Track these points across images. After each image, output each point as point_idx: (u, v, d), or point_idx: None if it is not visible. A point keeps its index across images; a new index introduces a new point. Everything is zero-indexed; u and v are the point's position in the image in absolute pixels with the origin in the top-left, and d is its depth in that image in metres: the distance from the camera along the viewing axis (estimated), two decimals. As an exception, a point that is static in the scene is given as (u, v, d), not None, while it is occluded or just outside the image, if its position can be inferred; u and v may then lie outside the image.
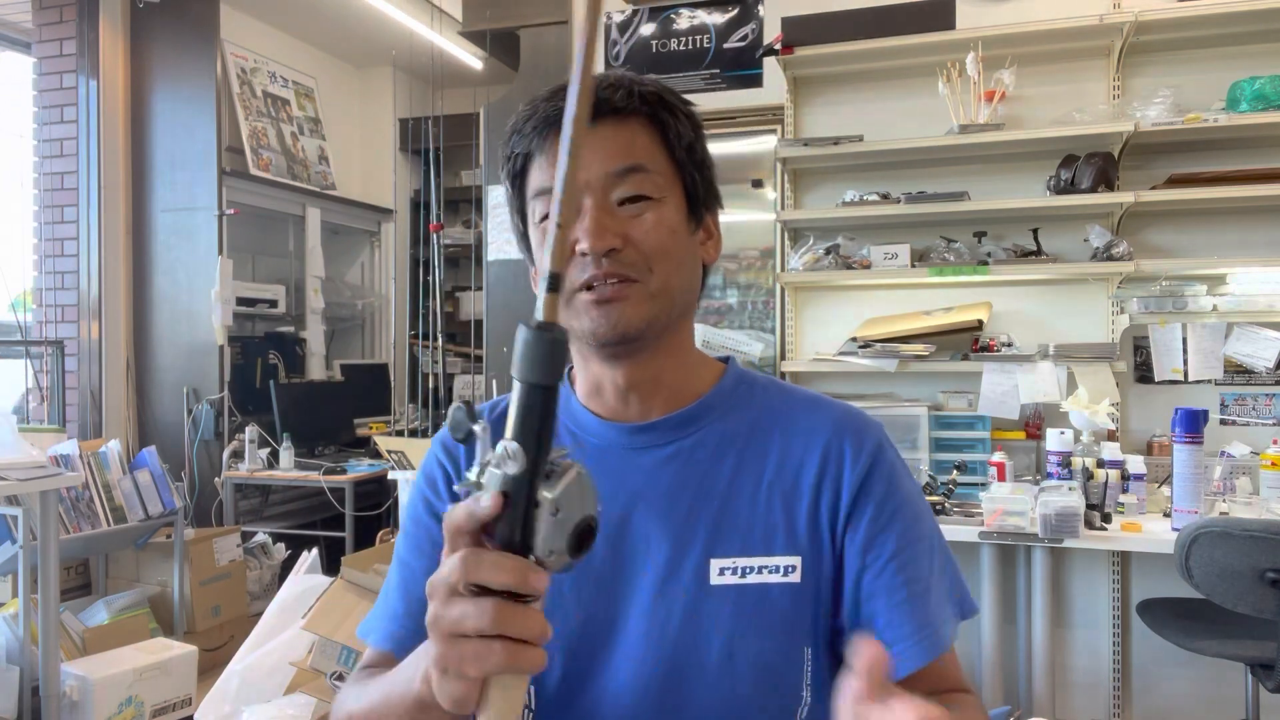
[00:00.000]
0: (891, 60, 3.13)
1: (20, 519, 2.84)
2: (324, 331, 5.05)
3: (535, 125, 0.82)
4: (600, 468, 0.87)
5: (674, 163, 0.84)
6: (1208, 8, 2.75)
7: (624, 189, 0.81)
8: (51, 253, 4.26)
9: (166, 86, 4.33)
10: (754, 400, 0.90)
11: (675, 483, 0.85)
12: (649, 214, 0.81)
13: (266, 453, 4.13)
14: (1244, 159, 2.85)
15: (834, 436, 0.87)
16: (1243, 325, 2.84)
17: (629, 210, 0.81)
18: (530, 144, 0.83)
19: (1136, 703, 2.87)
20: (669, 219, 0.82)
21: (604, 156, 0.81)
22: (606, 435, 0.88)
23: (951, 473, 2.78)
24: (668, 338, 0.86)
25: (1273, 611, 2.05)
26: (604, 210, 0.80)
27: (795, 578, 0.83)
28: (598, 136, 0.80)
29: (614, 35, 3.61)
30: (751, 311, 3.61)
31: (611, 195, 0.81)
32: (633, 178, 0.81)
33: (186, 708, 3.04)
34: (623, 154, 0.81)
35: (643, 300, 0.81)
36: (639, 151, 0.82)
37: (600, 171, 0.80)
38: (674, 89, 0.87)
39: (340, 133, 5.45)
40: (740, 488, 0.85)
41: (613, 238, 0.79)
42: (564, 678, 0.84)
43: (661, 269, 0.81)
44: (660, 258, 0.81)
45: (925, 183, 3.11)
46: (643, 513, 0.85)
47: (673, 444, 0.87)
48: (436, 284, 4.50)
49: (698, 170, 0.86)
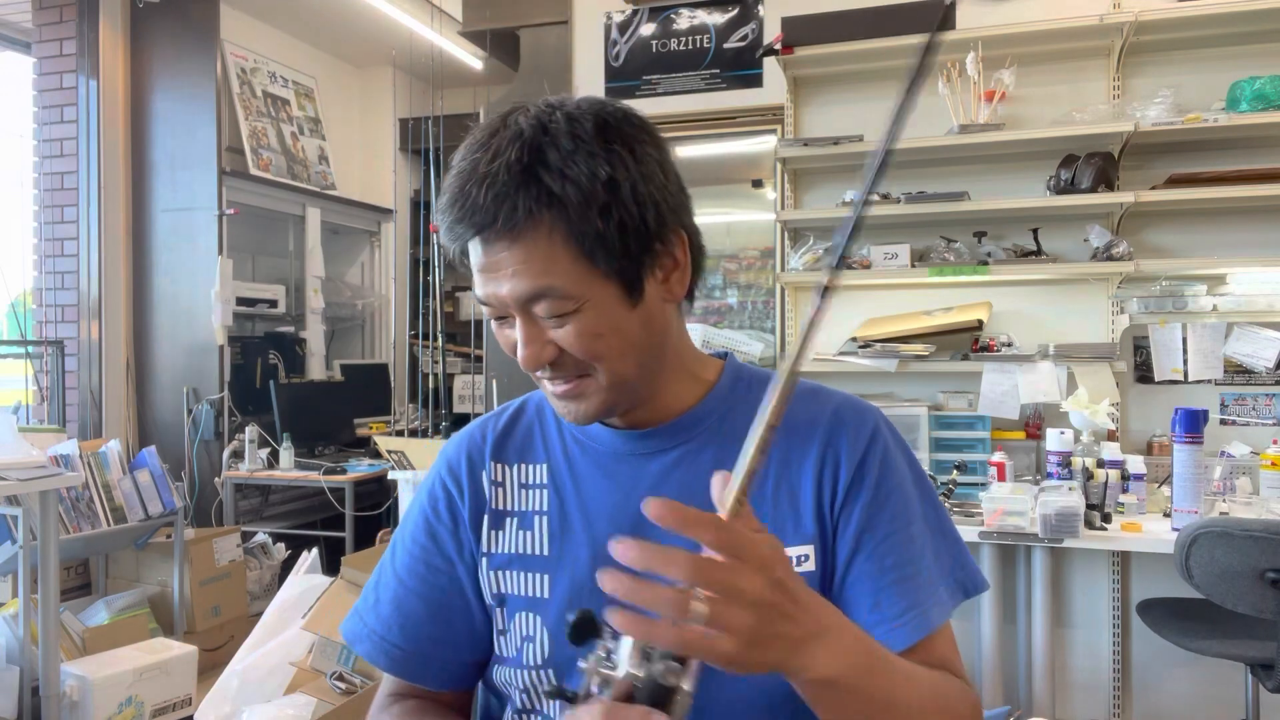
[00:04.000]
0: (891, 60, 3.13)
1: (20, 519, 2.84)
2: (324, 331, 5.05)
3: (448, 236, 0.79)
4: (613, 474, 0.88)
5: (589, 264, 0.75)
6: (1208, 8, 2.75)
7: (539, 309, 0.77)
8: (51, 253, 4.26)
9: (166, 86, 4.33)
10: (753, 396, 0.91)
11: (684, 486, 0.86)
12: (570, 326, 0.77)
13: (266, 453, 4.13)
14: (1244, 159, 2.85)
15: (832, 424, 0.87)
16: (1243, 325, 2.84)
17: (552, 322, 0.77)
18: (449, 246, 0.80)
19: (1136, 703, 2.87)
20: (596, 324, 0.77)
21: (511, 279, 0.75)
22: (613, 443, 0.89)
23: (951, 473, 2.78)
24: (643, 394, 0.85)
25: (1273, 611, 2.04)
26: (530, 325, 0.78)
27: (810, 566, 0.84)
28: (499, 253, 0.76)
29: (614, 35, 3.61)
30: (751, 311, 3.61)
31: (532, 309, 0.77)
32: (542, 301, 0.76)
33: (186, 708, 3.04)
34: (523, 276, 0.75)
35: (596, 393, 0.81)
36: (538, 272, 0.75)
37: (510, 293, 0.76)
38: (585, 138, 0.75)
39: (340, 133, 5.45)
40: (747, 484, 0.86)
41: (542, 350, 0.78)
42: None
43: (605, 365, 0.79)
44: (598, 359, 0.79)
45: (925, 183, 3.11)
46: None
47: (678, 447, 0.88)
48: (436, 284, 4.50)
49: (623, 250, 0.76)
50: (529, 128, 0.76)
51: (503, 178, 0.74)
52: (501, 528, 0.90)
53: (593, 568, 0.85)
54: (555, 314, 0.76)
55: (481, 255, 0.77)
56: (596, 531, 0.86)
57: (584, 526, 0.87)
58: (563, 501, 0.89)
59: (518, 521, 0.90)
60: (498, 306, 0.79)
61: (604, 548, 0.84)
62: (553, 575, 0.87)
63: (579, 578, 0.86)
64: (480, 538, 0.91)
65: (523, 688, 0.87)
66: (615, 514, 0.87)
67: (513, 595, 0.88)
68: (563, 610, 0.85)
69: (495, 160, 0.75)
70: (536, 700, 0.87)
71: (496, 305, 0.79)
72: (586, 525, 0.87)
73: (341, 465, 4.16)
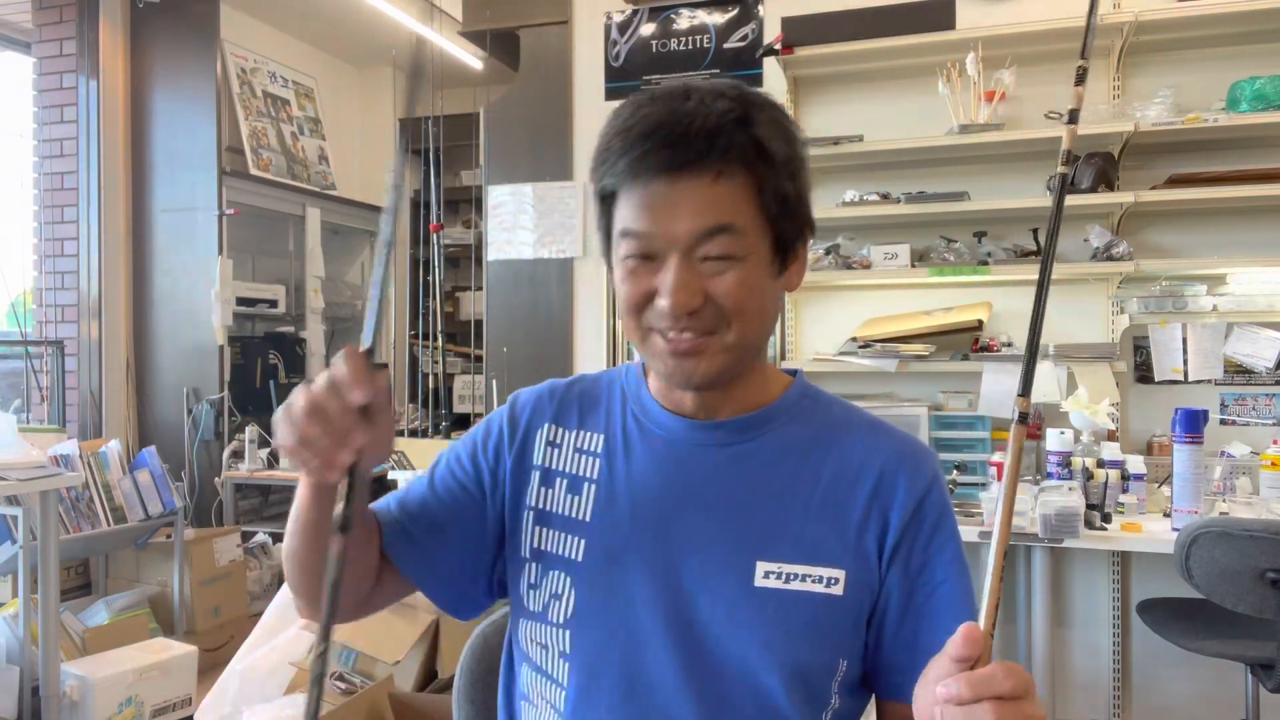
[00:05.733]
0: (891, 60, 3.13)
1: (20, 519, 2.83)
2: (324, 331, 5.04)
3: (629, 166, 0.79)
4: (667, 457, 0.90)
5: (765, 217, 0.81)
6: (1208, 8, 2.75)
7: (710, 247, 0.79)
8: (51, 253, 4.26)
9: (166, 86, 4.32)
10: (816, 413, 0.92)
11: (733, 482, 0.87)
12: (731, 274, 0.80)
13: (266, 453, 4.13)
14: (1244, 159, 2.85)
15: (892, 461, 0.88)
16: (1243, 325, 2.84)
17: (712, 267, 0.79)
18: (619, 182, 0.81)
19: (1136, 703, 2.87)
20: (752, 278, 0.81)
21: (691, 211, 0.78)
22: (674, 428, 0.90)
23: (951, 473, 2.78)
24: (743, 372, 0.87)
25: (1273, 611, 2.04)
26: (688, 269, 0.79)
27: (838, 589, 0.84)
28: (689, 188, 0.78)
29: (614, 35, 3.61)
30: (751, 311, 3.60)
31: (697, 252, 0.79)
32: (720, 238, 0.79)
33: (186, 708, 3.04)
34: (713, 212, 0.78)
35: (719, 353, 0.82)
36: (727, 210, 0.78)
37: (687, 228, 0.78)
38: (778, 120, 0.82)
39: (340, 133, 5.45)
40: (793, 496, 0.87)
41: (692, 296, 0.79)
42: (599, 654, 0.86)
43: (740, 325, 0.81)
44: (739, 315, 0.81)
45: (925, 183, 3.11)
46: (698, 506, 0.87)
47: (735, 445, 0.89)
48: (436, 284, 4.50)
49: (789, 220, 0.83)
50: (730, 90, 0.81)
51: (715, 120, 0.77)
52: (551, 486, 0.92)
53: (627, 543, 0.87)
54: (725, 254, 0.79)
55: (663, 189, 0.78)
56: (639, 510, 0.88)
57: (629, 502, 0.88)
58: (612, 473, 0.90)
59: (567, 484, 0.92)
60: (662, 244, 0.79)
61: (643, 525, 0.87)
62: (589, 541, 0.88)
63: (613, 548, 0.87)
64: (528, 491, 0.93)
65: (542, 643, 0.89)
66: (660, 495, 0.88)
67: (550, 553, 0.90)
68: (593, 575, 0.87)
69: (703, 106, 0.78)
70: (550, 663, 0.89)
71: (662, 241, 0.79)
72: (631, 502, 0.88)
73: (341, 465, 4.15)
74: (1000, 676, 0.61)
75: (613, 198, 0.82)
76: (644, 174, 0.78)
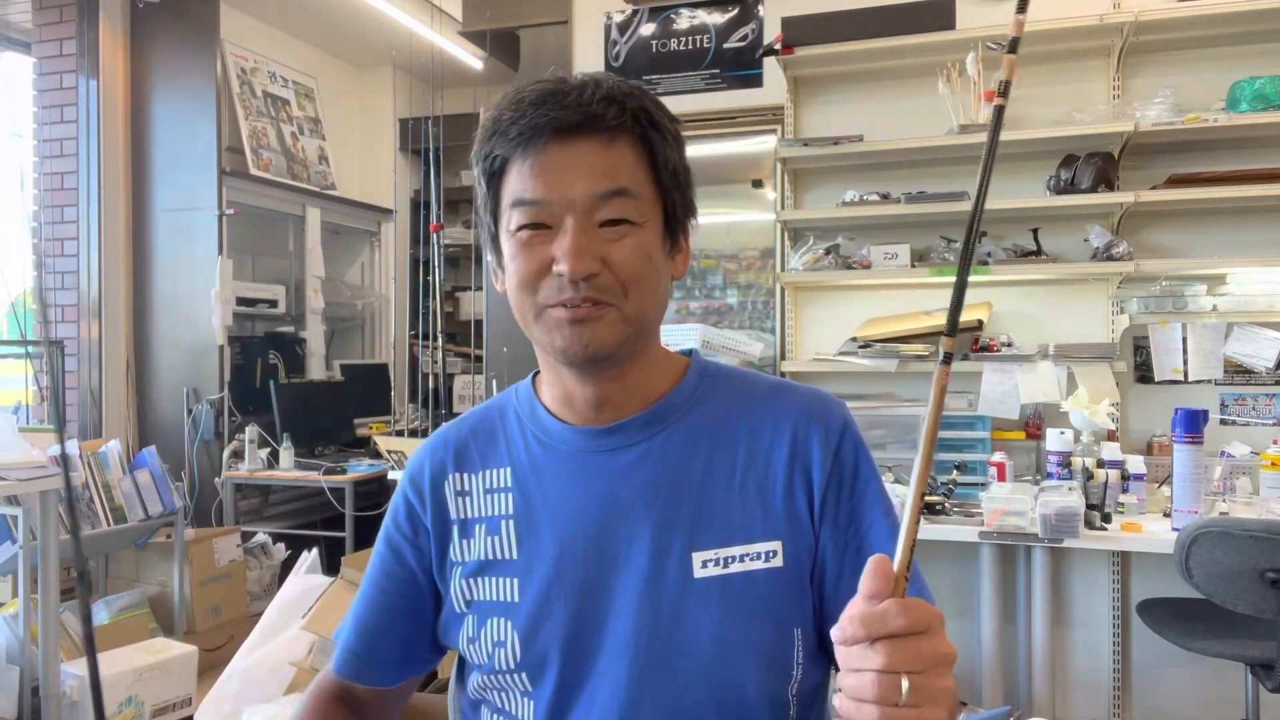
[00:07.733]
0: (891, 60, 3.13)
1: (20, 519, 2.83)
2: (324, 331, 5.04)
3: (521, 132, 0.80)
4: (578, 472, 0.88)
5: (658, 186, 0.83)
6: (1208, 8, 2.75)
7: (607, 211, 0.79)
8: (51, 253, 4.26)
9: (166, 86, 4.33)
10: (719, 392, 0.91)
11: (649, 481, 0.86)
12: (629, 239, 0.80)
13: (266, 453, 4.13)
14: (1244, 159, 2.85)
15: (801, 420, 0.88)
16: (1243, 325, 2.84)
17: (609, 233, 0.80)
18: (512, 150, 0.81)
19: (1136, 703, 2.87)
20: (647, 244, 0.81)
21: (589, 175, 0.79)
22: (575, 441, 0.89)
23: (951, 473, 2.78)
24: (637, 351, 0.86)
25: (1273, 611, 2.04)
26: (585, 232, 0.79)
27: (778, 562, 0.84)
28: (583, 151, 0.79)
29: (614, 35, 3.61)
30: (751, 311, 3.61)
31: (595, 216, 0.79)
32: (616, 201, 0.79)
33: (186, 708, 3.04)
34: (609, 175, 0.79)
35: (616, 323, 0.81)
36: (625, 174, 0.80)
37: (585, 191, 0.79)
38: (658, 100, 0.86)
39: (340, 133, 5.45)
40: (714, 479, 0.86)
41: (592, 261, 0.78)
42: (559, 684, 0.84)
43: (636, 294, 0.81)
44: (636, 284, 0.81)
45: (925, 183, 3.11)
46: (620, 514, 0.85)
47: (642, 443, 0.87)
48: (436, 284, 4.50)
49: (679, 191, 0.85)
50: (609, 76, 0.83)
51: (605, 90, 0.80)
52: (471, 536, 0.91)
53: (559, 568, 0.85)
54: (622, 217, 0.79)
55: (558, 152, 0.79)
56: (562, 531, 0.86)
57: (550, 526, 0.87)
58: (528, 503, 0.89)
59: (485, 527, 0.90)
60: (558, 209, 0.79)
61: (571, 547, 0.85)
62: (521, 579, 0.87)
63: (547, 578, 0.85)
64: (450, 547, 0.92)
65: (500, 688, 0.88)
66: (580, 513, 0.86)
67: (483, 601, 0.88)
68: (532, 613, 0.85)
69: (590, 81, 0.81)
70: (512, 703, 0.87)
71: (558, 206, 0.79)
72: (552, 525, 0.87)
73: (341, 465, 4.15)
74: (894, 613, 0.56)
75: (502, 172, 0.82)
76: (537, 139, 0.79)
